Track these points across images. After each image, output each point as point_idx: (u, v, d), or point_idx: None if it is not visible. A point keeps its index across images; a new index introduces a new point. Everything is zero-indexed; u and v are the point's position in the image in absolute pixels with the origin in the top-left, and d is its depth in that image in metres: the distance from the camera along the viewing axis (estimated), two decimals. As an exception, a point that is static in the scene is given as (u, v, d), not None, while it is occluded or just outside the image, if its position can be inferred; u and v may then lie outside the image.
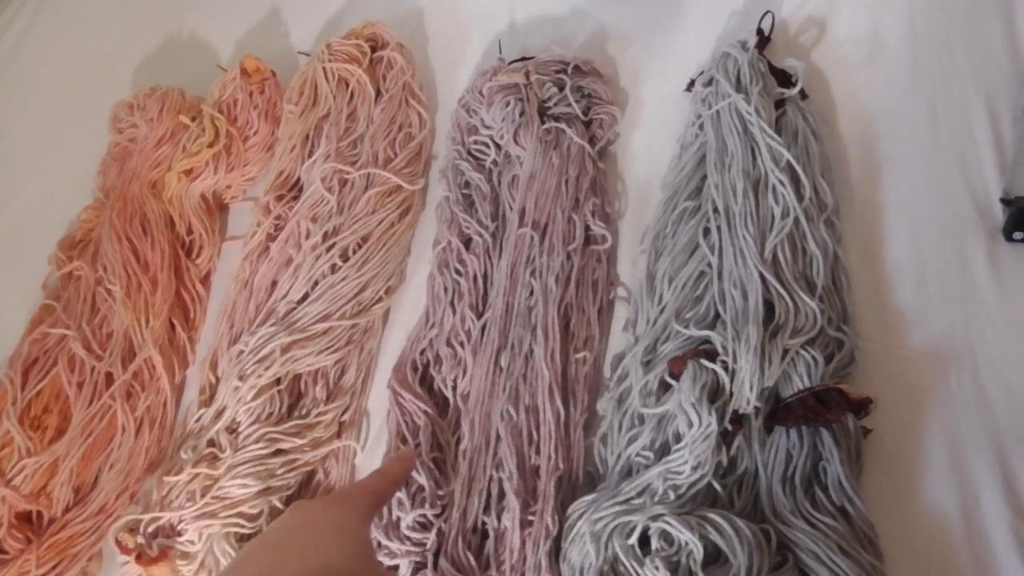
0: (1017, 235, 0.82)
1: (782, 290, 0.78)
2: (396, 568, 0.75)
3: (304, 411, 0.88)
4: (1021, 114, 0.88)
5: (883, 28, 0.98)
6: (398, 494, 0.77)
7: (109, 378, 0.93)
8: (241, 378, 0.87)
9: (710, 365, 0.74)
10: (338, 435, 0.89)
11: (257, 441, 0.84)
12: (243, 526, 0.81)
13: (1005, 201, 0.84)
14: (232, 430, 0.85)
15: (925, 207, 0.87)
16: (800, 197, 0.84)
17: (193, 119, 1.05)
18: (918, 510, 0.72)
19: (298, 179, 1.01)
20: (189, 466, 0.83)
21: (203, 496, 0.81)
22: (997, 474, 0.72)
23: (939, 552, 0.70)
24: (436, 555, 0.75)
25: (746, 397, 0.72)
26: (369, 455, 0.88)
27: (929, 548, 0.70)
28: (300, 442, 0.85)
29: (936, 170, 0.88)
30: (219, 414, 0.87)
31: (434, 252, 0.95)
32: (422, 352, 0.89)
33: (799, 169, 0.85)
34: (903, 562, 0.70)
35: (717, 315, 0.80)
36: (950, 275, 0.82)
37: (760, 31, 0.98)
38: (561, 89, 0.97)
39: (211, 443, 0.85)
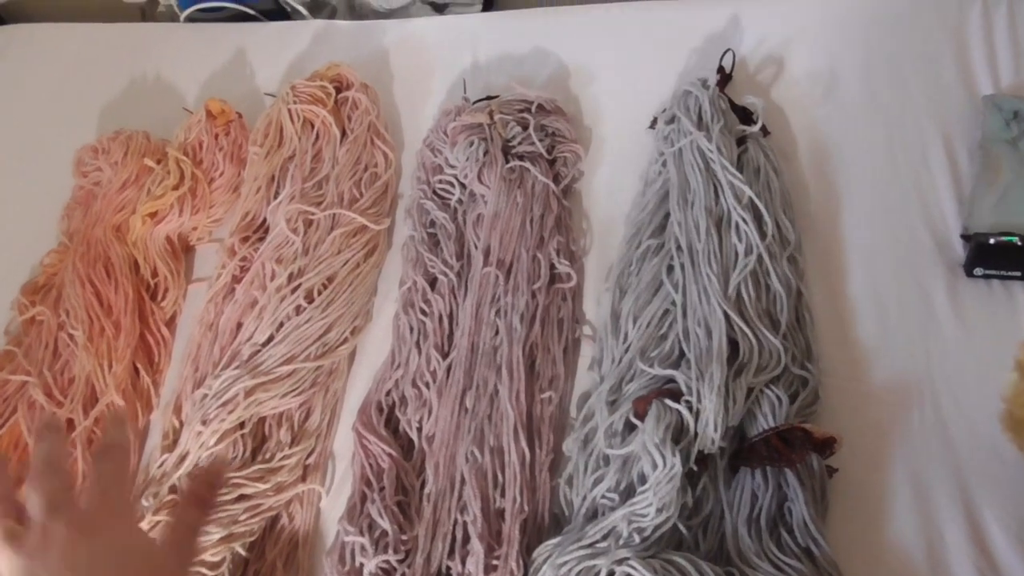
0: (978, 271, 0.83)
1: (746, 328, 0.78)
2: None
3: (268, 455, 0.86)
4: (978, 148, 0.90)
5: (840, 65, 1.00)
6: (360, 539, 0.76)
7: (71, 424, 0.92)
8: (204, 422, 0.85)
9: (674, 405, 0.73)
10: (303, 478, 0.87)
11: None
12: (204, 575, 0.79)
13: (965, 237, 0.85)
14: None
15: (885, 241, 0.88)
16: (763, 234, 0.85)
17: (158, 162, 1.05)
18: (883, 547, 0.72)
19: (264, 220, 1.01)
20: (150, 513, 0.81)
21: (163, 545, 0.79)
22: (960, 509, 0.72)
23: (905, 589, 0.70)
24: (400, 602, 0.74)
25: (711, 437, 0.72)
26: (334, 498, 0.87)
27: (895, 586, 0.70)
28: (263, 487, 0.83)
29: (895, 204, 0.90)
30: (181, 459, 0.85)
31: (400, 292, 0.95)
32: (387, 393, 0.88)
33: (761, 206, 0.86)
34: (870, 601, 0.69)
35: (682, 353, 0.80)
36: (911, 310, 0.83)
37: (721, 69, 1.00)
38: (525, 128, 0.97)
39: (173, 489, 0.84)
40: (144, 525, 0.81)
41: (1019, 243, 0.80)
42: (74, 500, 0.47)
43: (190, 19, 1.32)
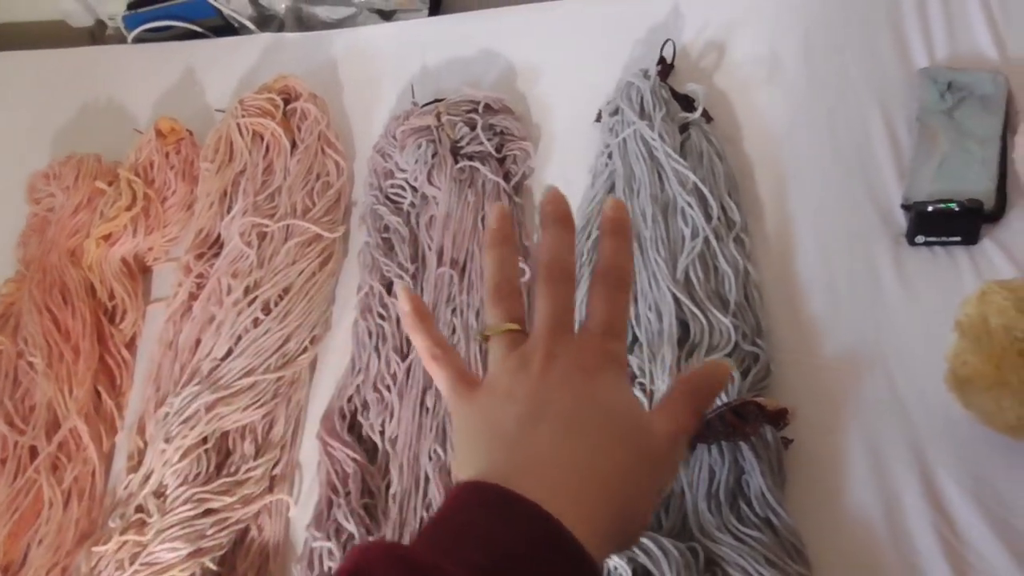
0: (919, 239, 0.84)
1: (696, 309, 0.80)
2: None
3: (233, 468, 0.87)
4: (916, 121, 0.91)
5: (780, 47, 1.01)
6: (327, 543, 0.76)
7: (34, 451, 0.92)
8: (167, 440, 0.86)
9: (628, 388, 0.74)
10: (270, 489, 0.88)
11: (185, 503, 0.82)
12: (174, 592, 0.80)
13: (905, 207, 0.87)
14: (159, 494, 0.84)
15: (831, 217, 0.89)
16: (708, 217, 0.86)
17: (110, 184, 1.05)
18: (843, 514, 0.73)
19: (218, 236, 1.01)
20: (117, 534, 0.81)
21: (132, 564, 0.79)
22: (915, 473, 0.73)
23: (866, 554, 0.71)
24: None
25: (665, 417, 0.73)
26: (303, 507, 0.87)
27: (856, 550, 0.71)
28: (230, 500, 0.84)
29: (839, 180, 0.91)
30: (146, 479, 0.85)
31: (358, 298, 0.95)
32: (349, 399, 0.89)
33: (706, 190, 0.87)
34: (831, 567, 0.70)
35: (635, 337, 0.81)
36: (859, 282, 0.84)
37: (662, 59, 1.01)
38: (473, 128, 0.98)
39: (139, 509, 0.84)
40: (112, 546, 0.81)
41: (957, 209, 0.82)
42: (571, 323, 0.42)
43: (138, 40, 1.32)
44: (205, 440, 0.86)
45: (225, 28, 1.32)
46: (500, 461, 0.37)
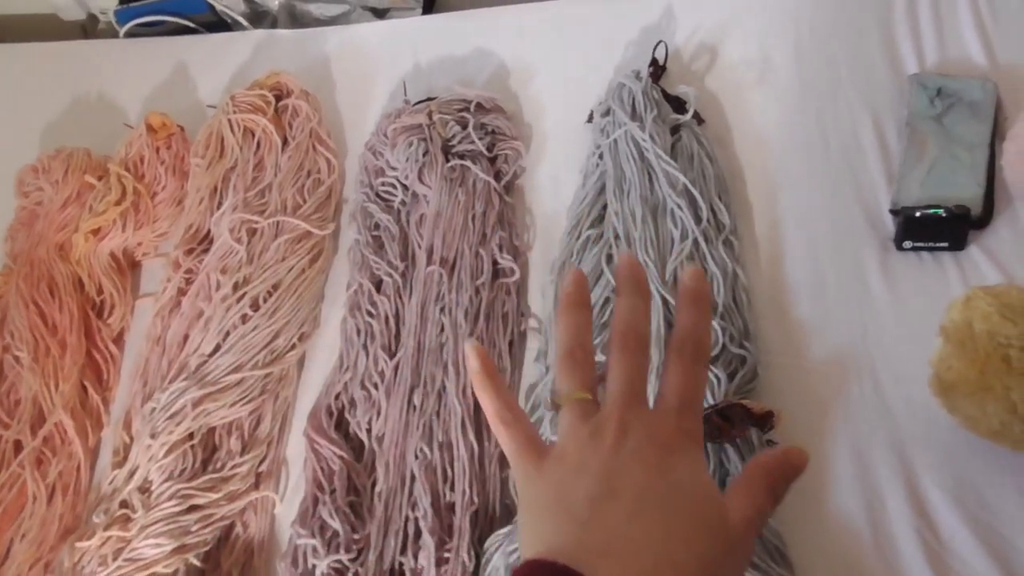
0: (907, 244, 0.84)
1: (684, 310, 0.79)
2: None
3: (219, 464, 0.86)
4: (905, 126, 0.92)
5: (771, 50, 1.01)
6: (311, 540, 0.76)
7: (18, 446, 0.91)
8: (153, 436, 0.85)
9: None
10: (256, 486, 0.87)
11: (170, 499, 0.82)
12: (157, 588, 0.79)
13: (894, 212, 0.87)
14: (144, 489, 0.84)
15: (820, 221, 0.89)
16: (698, 219, 0.86)
17: (99, 178, 1.04)
18: (826, 517, 0.73)
19: (208, 232, 1.01)
20: (100, 530, 0.81)
21: (115, 560, 0.79)
22: (900, 477, 0.73)
23: (848, 557, 0.71)
24: (353, 601, 0.74)
25: (651, 418, 0.73)
26: (289, 504, 0.87)
27: (839, 554, 0.71)
28: (215, 496, 0.83)
29: (828, 184, 0.91)
30: (131, 474, 0.85)
31: (347, 295, 0.95)
32: (337, 397, 0.88)
33: (695, 192, 0.87)
34: (814, 569, 0.70)
35: (624, 339, 0.81)
36: (847, 286, 0.85)
37: (655, 60, 1.01)
38: (464, 127, 0.98)
39: (124, 504, 0.83)
40: (95, 541, 0.80)
41: (944, 214, 0.82)
42: (645, 394, 0.40)
43: (130, 34, 1.31)
44: (191, 436, 0.86)
45: (218, 24, 1.32)
46: (570, 540, 0.36)
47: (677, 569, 0.35)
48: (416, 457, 0.80)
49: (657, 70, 1.00)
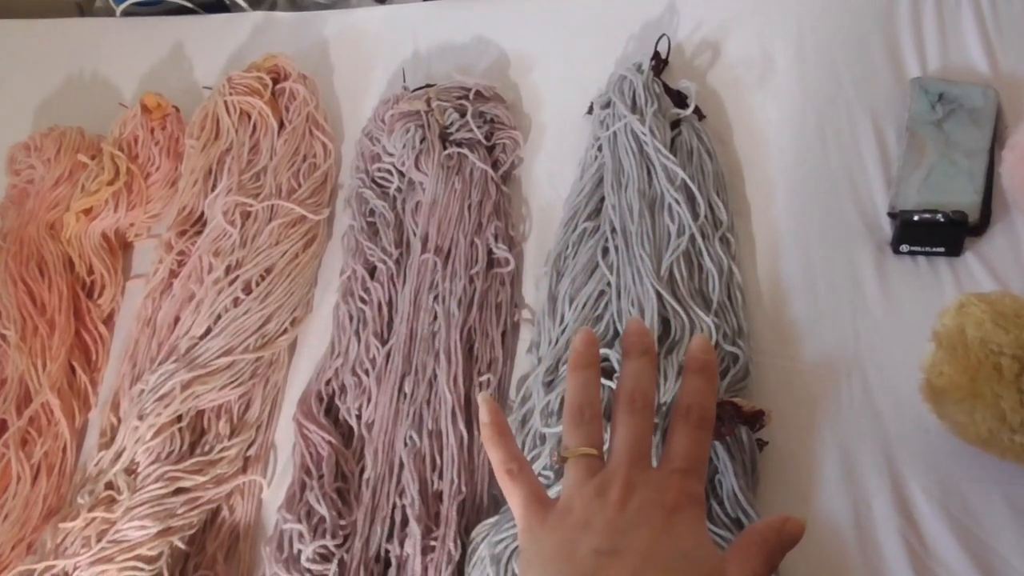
0: (903, 247, 0.84)
1: (678, 307, 0.79)
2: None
3: (207, 447, 0.86)
4: (905, 130, 0.91)
5: (773, 50, 1.01)
6: (298, 526, 0.76)
7: (3, 425, 0.90)
8: (140, 417, 0.85)
9: (607, 383, 0.74)
10: (243, 470, 0.87)
11: (156, 481, 0.82)
12: (141, 569, 0.79)
13: (891, 215, 0.87)
14: (130, 471, 0.83)
15: (816, 222, 0.89)
16: (695, 215, 0.86)
17: (92, 158, 1.03)
18: (812, 518, 0.73)
19: (201, 214, 1.00)
20: (85, 511, 0.80)
21: (99, 541, 0.78)
22: (886, 480, 0.74)
23: (832, 558, 0.71)
24: (338, 588, 0.74)
25: (642, 414, 0.73)
26: (276, 489, 0.87)
27: (822, 554, 0.71)
28: (202, 479, 0.83)
29: (826, 186, 0.91)
30: (118, 456, 0.84)
31: (340, 281, 0.95)
32: (327, 382, 0.88)
33: (694, 188, 0.87)
34: (797, 569, 0.70)
35: (617, 333, 0.81)
36: (841, 288, 0.85)
37: (657, 54, 1.01)
38: (463, 115, 0.97)
39: (109, 486, 0.83)
40: (79, 522, 0.80)
41: (942, 220, 0.82)
42: (650, 454, 0.41)
43: (127, 13, 1.30)
44: (179, 418, 0.86)
45: (216, 5, 1.30)
46: None
47: None
48: (405, 445, 0.80)
49: (659, 64, 1.00)
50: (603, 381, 0.74)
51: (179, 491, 0.82)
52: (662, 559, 0.37)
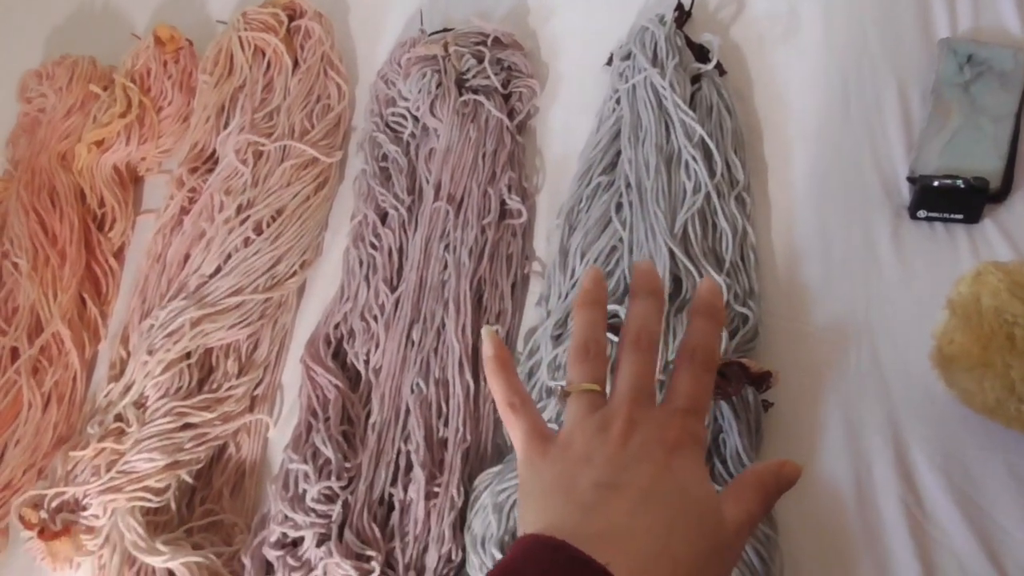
0: (921, 213, 0.83)
1: (690, 265, 0.79)
2: (301, 540, 0.75)
3: (215, 385, 0.87)
4: (931, 93, 0.90)
5: (799, 5, 0.99)
6: (303, 466, 0.77)
7: (15, 353, 0.91)
8: (150, 352, 0.85)
9: (614, 339, 0.74)
10: (250, 409, 0.88)
11: (165, 415, 0.83)
12: (149, 500, 0.80)
13: (911, 179, 0.86)
14: (140, 404, 0.84)
15: (834, 184, 0.88)
16: (712, 173, 0.85)
17: (104, 89, 1.02)
18: (813, 480, 0.73)
19: (213, 151, 0.99)
20: (95, 441, 0.82)
21: (108, 471, 0.80)
22: (890, 446, 0.74)
23: (832, 521, 0.72)
24: (341, 527, 0.75)
25: (649, 370, 0.73)
26: (282, 429, 0.88)
27: (822, 517, 0.72)
28: (209, 416, 0.84)
29: (846, 147, 0.90)
30: (127, 389, 0.85)
31: (351, 226, 0.94)
32: (336, 326, 0.88)
33: (712, 145, 0.86)
34: (797, 531, 0.71)
35: (627, 290, 0.81)
36: (855, 253, 0.84)
37: (680, 6, 0.99)
38: (480, 61, 0.96)
39: (118, 418, 0.84)
40: (89, 452, 0.81)
41: (962, 186, 0.81)
42: (654, 393, 0.41)
43: (141, -58, 1.27)
44: (188, 355, 0.86)
45: (233, -65, 1.27)
46: (572, 522, 0.37)
47: (675, 563, 0.36)
48: (412, 391, 0.80)
49: (682, 16, 0.98)
50: (610, 337, 0.75)
51: (187, 426, 0.83)
52: (661, 494, 0.38)
